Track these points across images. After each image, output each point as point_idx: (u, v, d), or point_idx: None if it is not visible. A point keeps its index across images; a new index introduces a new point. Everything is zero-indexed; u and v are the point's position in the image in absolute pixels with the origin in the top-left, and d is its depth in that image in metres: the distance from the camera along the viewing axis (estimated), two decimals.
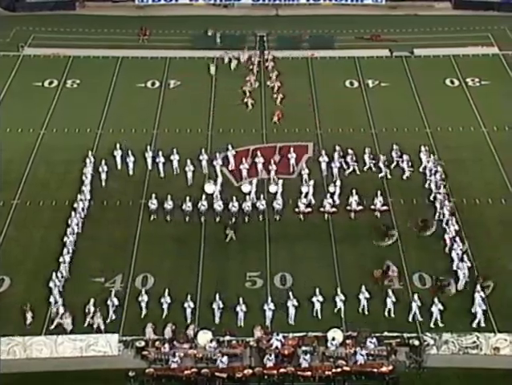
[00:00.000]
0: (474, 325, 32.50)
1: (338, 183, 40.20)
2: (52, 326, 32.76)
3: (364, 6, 64.38)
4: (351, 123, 46.75)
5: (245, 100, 49.11)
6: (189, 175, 41.78)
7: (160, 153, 42.54)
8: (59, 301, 33.61)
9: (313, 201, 39.63)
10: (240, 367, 30.87)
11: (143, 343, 31.79)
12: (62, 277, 34.97)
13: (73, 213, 38.24)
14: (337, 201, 39.52)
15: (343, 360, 31.10)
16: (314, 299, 33.20)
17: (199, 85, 51.67)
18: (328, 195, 39.62)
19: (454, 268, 35.12)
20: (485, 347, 31.57)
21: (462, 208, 39.67)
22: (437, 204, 38.91)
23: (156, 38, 58.81)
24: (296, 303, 32.96)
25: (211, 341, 31.53)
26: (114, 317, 33.25)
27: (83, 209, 39.13)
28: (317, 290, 33.25)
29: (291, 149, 43.10)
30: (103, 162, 42.02)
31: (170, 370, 30.78)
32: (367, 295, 33.29)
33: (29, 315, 33.06)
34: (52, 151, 44.57)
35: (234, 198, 39.11)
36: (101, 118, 47.80)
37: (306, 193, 39.96)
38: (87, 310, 33.12)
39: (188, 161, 41.96)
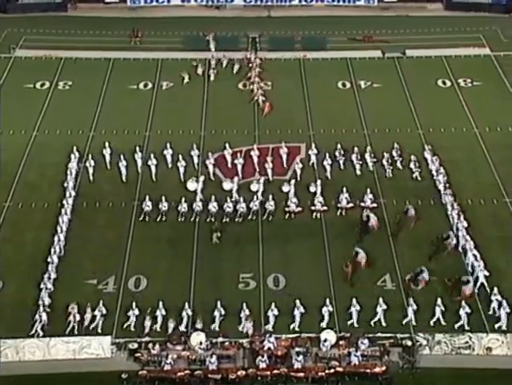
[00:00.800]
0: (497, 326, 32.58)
1: (318, 182, 40.25)
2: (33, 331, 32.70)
3: (356, 7, 64.47)
4: (343, 124, 46.84)
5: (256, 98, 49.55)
6: (181, 170, 42.07)
7: (152, 155, 42.50)
8: (45, 302, 33.55)
9: (295, 200, 39.60)
10: (233, 369, 30.91)
11: (136, 345, 31.77)
12: (49, 278, 34.86)
13: (62, 210, 38.44)
14: (319, 200, 39.42)
15: (336, 361, 31.15)
16: (324, 309, 33.04)
17: (192, 86, 51.64)
18: (319, 193, 39.63)
19: (470, 268, 35.42)
20: (478, 347, 31.69)
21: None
22: (448, 206, 39.11)
23: (148, 40, 58.75)
24: (303, 310, 32.83)
25: (200, 343, 31.48)
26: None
27: (68, 206, 39.27)
28: (327, 300, 33.21)
29: (283, 150, 43.41)
30: (90, 156, 42.45)
31: (163, 372, 30.78)
32: (357, 308, 33.12)
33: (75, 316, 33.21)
34: (44, 153, 44.48)
35: (228, 199, 39.15)
36: (93, 120, 47.73)
37: (294, 192, 40.02)
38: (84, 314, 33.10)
39: (180, 156, 42.32)
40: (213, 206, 38.85)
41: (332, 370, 30.74)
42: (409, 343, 31.75)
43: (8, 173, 42.63)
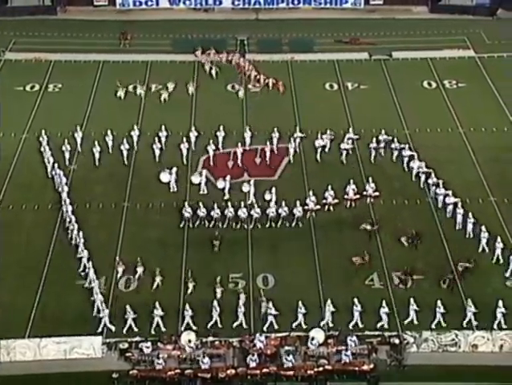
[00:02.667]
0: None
1: (273, 190, 39.80)
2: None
3: (343, 10, 64.65)
4: (330, 125, 46.79)
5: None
6: (184, 152, 43.36)
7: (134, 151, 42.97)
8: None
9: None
10: (223, 368, 30.85)
11: (126, 345, 31.69)
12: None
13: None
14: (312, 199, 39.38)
15: (325, 359, 31.18)
16: (326, 309, 32.99)
17: (180, 88, 51.59)
18: (311, 192, 39.58)
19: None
20: (464, 345, 31.79)
21: (441, 210, 39.89)
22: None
23: (137, 42, 58.70)
24: (304, 311, 32.79)
25: (189, 341, 31.45)
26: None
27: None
28: (329, 301, 33.06)
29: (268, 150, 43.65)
30: (66, 141, 43.26)
31: (154, 372, 30.69)
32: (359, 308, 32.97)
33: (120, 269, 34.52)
34: (34, 155, 44.31)
35: (229, 204, 38.93)
36: (83, 121, 47.60)
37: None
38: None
39: (184, 139, 43.47)
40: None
41: (321, 369, 30.73)
42: (397, 341, 31.77)
43: None
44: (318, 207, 39.31)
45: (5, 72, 54.25)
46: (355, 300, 32.87)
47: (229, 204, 38.92)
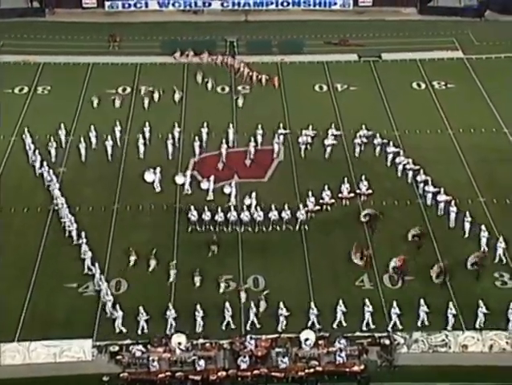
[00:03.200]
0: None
1: (253, 195, 39.52)
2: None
3: (332, 12, 64.75)
4: (320, 126, 46.83)
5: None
6: (170, 149, 43.95)
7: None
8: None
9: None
10: (214, 370, 30.79)
11: (117, 348, 31.59)
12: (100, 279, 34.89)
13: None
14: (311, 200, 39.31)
15: (315, 361, 31.17)
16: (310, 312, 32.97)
17: (170, 90, 51.52)
18: (310, 193, 39.49)
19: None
20: (454, 345, 31.85)
21: (430, 208, 40.02)
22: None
23: (126, 45, 58.57)
24: (286, 313, 32.76)
25: (179, 343, 31.38)
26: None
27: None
28: (312, 304, 33.04)
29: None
30: (52, 139, 44.02)
31: (144, 374, 30.62)
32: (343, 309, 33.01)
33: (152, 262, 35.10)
34: (24, 157, 44.11)
35: (232, 208, 38.77)
36: (72, 124, 47.44)
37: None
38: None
39: (170, 135, 44.23)
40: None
41: (312, 370, 30.73)
42: (387, 342, 31.82)
43: None
44: (318, 207, 39.23)
45: None
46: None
47: (232, 207, 38.69)
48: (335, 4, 64.93)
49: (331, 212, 39.59)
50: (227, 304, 32.96)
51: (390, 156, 43.06)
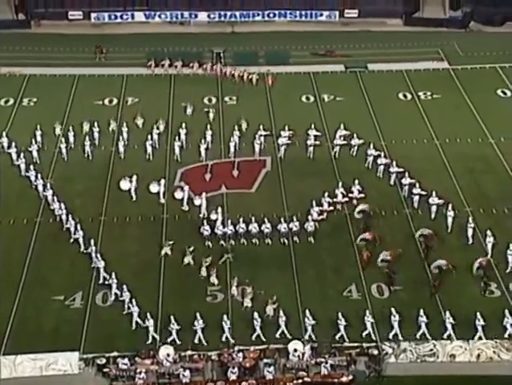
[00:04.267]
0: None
1: (219, 210, 39.40)
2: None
3: (318, 23, 65.13)
4: (307, 136, 47.02)
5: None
6: (149, 150, 44.98)
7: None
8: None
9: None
10: (202, 381, 30.70)
11: (104, 361, 31.42)
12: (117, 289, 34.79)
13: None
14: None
15: (303, 371, 31.14)
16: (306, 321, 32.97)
17: (157, 101, 51.58)
18: (314, 202, 39.38)
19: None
20: (442, 355, 31.88)
21: (417, 217, 40.15)
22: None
23: (112, 56, 58.61)
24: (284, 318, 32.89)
25: (168, 355, 31.29)
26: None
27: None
28: (307, 312, 33.01)
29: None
30: (34, 140, 44.95)
31: None
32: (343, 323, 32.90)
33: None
34: (9, 170, 43.89)
35: (241, 220, 38.42)
36: (59, 135, 47.30)
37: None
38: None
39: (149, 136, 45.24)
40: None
41: (300, 381, 30.68)
42: (375, 352, 31.85)
43: None
44: (322, 216, 39.11)
45: None
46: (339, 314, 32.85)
47: (241, 219, 38.37)
48: (321, 15, 65.36)
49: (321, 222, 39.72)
50: (256, 314, 32.87)
51: (381, 168, 43.32)
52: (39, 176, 41.97)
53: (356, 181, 40.77)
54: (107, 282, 35.12)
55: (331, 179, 42.64)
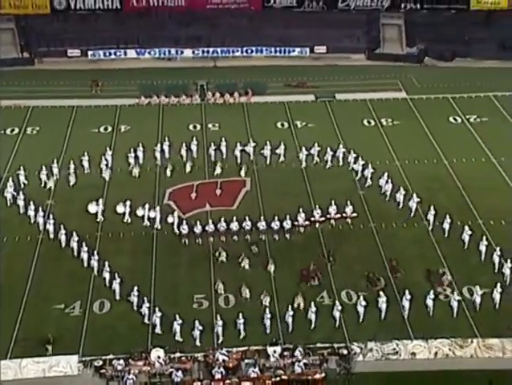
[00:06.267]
0: None
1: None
2: None
3: (291, 58, 65.55)
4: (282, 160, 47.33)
5: None
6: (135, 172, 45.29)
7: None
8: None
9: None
10: (189, 381, 30.54)
11: (101, 362, 31.24)
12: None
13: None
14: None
15: (281, 370, 31.07)
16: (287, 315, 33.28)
17: (147, 128, 51.54)
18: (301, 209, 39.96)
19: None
20: (404, 353, 31.99)
21: (381, 231, 40.40)
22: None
23: (107, 89, 58.52)
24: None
25: (159, 357, 31.12)
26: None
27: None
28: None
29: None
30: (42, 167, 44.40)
31: None
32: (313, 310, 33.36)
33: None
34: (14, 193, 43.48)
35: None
36: (59, 160, 47.13)
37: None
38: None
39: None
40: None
41: (278, 379, 30.64)
42: (345, 352, 31.90)
43: None
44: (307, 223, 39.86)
45: None
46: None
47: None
48: (294, 51, 65.79)
49: (294, 235, 39.73)
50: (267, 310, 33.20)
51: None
52: (40, 208, 40.96)
53: (349, 202, 41.08)
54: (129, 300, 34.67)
55: (303, 197, 42.68)
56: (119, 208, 41.28)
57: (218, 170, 45.75)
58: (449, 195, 43.58)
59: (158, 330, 32.97)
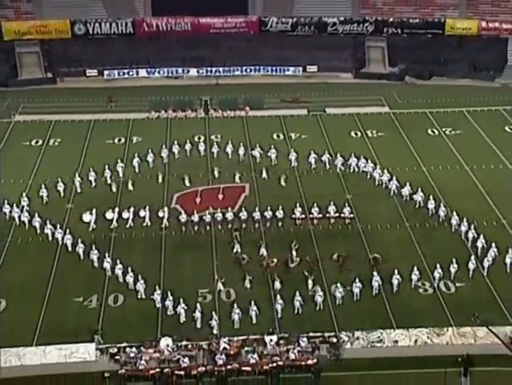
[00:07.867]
0: None
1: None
2: None
3: (286, 76, 65.81)
4: (278, 168, 47.41)
5: None
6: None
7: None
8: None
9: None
10: (195, 366, 30.65)
11: (115, 350, 31.33)
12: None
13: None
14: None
15: (277, 357, 31.17)
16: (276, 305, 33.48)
17: (156, 140, 51.68)
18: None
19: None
20: (387, 341, 32.06)
21: (368, 232, 40.41)
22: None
23: (121, 104, 58.77)
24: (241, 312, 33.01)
25: (167, 345, 31.23)
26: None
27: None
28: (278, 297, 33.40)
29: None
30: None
31: (138, 371, 30.36)
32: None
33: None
34: (36, 199, 43.41)
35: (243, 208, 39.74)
36: (78, 169, 47.29)
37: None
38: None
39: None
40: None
41: (275, 364, 30.73)
42: (335, 340, 31.95)
43: (7, 214, 41.73)
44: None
45: (15, 131, 53.91)
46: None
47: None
48: (288, 70, 66.11)
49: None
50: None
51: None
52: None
53: (347, 204, 41.19)
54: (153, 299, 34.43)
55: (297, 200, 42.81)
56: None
57: (216, 174, 45.90)
58: (426, 198, 43.60)
59: (197, 324, 32.72)
